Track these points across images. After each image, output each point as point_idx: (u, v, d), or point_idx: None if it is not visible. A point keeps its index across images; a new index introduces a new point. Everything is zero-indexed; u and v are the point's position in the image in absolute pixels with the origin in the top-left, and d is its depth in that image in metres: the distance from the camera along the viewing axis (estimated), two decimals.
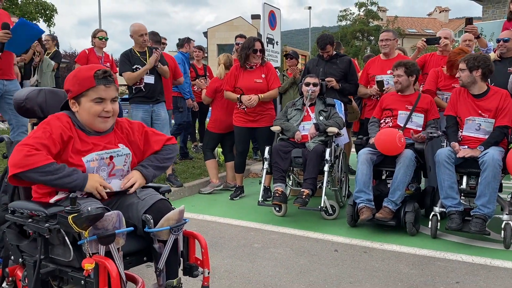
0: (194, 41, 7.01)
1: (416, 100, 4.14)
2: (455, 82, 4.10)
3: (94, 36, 5.77)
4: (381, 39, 4.82)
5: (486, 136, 3.70)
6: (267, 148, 4.41)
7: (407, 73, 4.14)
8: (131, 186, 2.08)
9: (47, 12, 19.98)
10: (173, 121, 6.44)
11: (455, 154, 3.67)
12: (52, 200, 1.97)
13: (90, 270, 1.67)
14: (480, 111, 3.74)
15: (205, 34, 34.38)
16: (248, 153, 5.70)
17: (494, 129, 3.69)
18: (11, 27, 3.93)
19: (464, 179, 3.76)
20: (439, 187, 3.72)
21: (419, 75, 4.36)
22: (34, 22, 16.95)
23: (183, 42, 6.76)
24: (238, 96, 4.81)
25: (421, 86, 4.60)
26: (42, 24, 19.32)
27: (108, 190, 2.02)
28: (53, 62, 6.54)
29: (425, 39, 4.83)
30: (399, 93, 4.26)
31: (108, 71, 2.05)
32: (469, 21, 4.86)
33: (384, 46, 4.79)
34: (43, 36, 7.04)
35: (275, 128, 4.55)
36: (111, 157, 2.05)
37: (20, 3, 19.45)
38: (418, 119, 4.12)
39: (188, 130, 6.83)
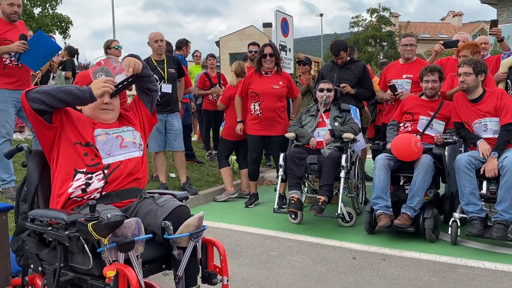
0: (190, 43, 7.02)
1: (438, 106, 4.08)
2: None
3: (108, 47, 5.79)
4: (405, 43, 4.69)
5: (495, 135, 3.63)
6: (281, 155, 4.38)
7: (441, 78, 4.09)
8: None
9: (63, 25, 20.37)
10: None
11: (475, 159, 3.61)
12: (70, 189, 2.01)
13: (112, 278, 1.66)
14: (482, 113, 3.71)
15: (217, 43, 34.58)
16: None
17: (500, 130, 3.61)
18: (28, 38, 4.01)
19: (484, 184, 3.69)
20: (459, 194, 3.65)
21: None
22: (51, 34, 17.29)
23: (181, 45, 6.77)
24: (240, 120, 5.03)
25: None
26: (57, 36, 19.70)
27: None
28: (63, 72, 6.65)
29: (442, 42, 4.77)
30: (422, 98, 4.20)
31: (104, 69, 2.22)
32: (494, 23, 4.78)
33: (408, 51, 4.68)
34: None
35: (290, 135, 4.53)
36: (117, 136, 2.18)
37: (36, 16, 19.88)
38: (438, 126, 4.06)
39: (188, 133, 6.80)
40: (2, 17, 4.11)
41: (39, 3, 20.02)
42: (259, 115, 4.83)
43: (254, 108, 4.87)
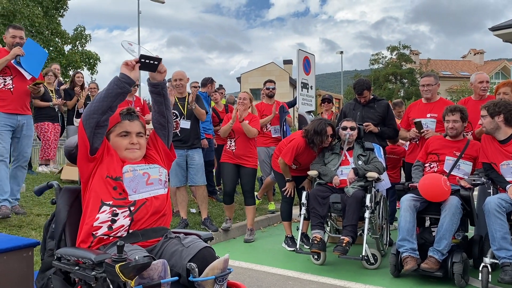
0: (216, 82, 7.13)
1: (464, 146, 4.01)
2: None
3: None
4: (422, 84, 4.70)
5: None
6: (304, 193, 4.34)
7: (463, 119, 4.04)
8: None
9: (91, 61, 21.18)
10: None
11: (506, 202, 3.49)
12: (96, 223, 2.03)
13: None
14: (511, 154, 3.63)
15: (239, 79, 35.32)
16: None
17: None
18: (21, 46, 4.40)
19: None
20: (490, 238, 3.52)
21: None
22: (79, 70, 18.02)
23: (206, 82, 6.87)
24: (290, 180, 4.74)
25: (468, 133, 4.42)
26: (85, 72, 20.42)
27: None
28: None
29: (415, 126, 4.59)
30: (446, 138, 4.14)
31: (131, 109, 2.29)
32: None
33: (426, 91, 4.66)
34: (89, 84, 7.43)
35: (312, 173, 4.48)
36: (144, 173, 2.20)
37: (66, 53, 20.73)
38: (465, 167, 3.97)
39: (210, 168, 6.75)
40: (7, 48, 4.48)
41: (69, 41, 20.94)
42: (296, 168, 4.77)
43: (292, 167, 4.73)
